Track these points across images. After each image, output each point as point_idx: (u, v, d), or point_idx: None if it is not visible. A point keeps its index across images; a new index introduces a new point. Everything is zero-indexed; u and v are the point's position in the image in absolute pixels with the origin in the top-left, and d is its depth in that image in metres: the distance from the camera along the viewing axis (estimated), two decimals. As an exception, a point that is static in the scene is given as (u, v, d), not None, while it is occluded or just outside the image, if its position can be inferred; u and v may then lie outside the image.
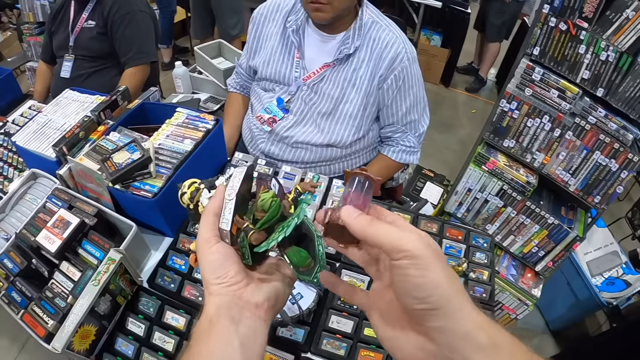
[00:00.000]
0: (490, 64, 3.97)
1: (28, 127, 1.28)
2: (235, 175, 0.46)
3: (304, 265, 0.43)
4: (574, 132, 1.39)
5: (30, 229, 1.00)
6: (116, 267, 0.86)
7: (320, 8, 1.16)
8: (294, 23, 1.29)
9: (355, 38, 1.24)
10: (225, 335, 0.39)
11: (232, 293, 0.41)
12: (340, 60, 1.26)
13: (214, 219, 0.44)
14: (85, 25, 1.86)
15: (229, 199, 0.44)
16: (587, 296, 2.05)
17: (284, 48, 1.32)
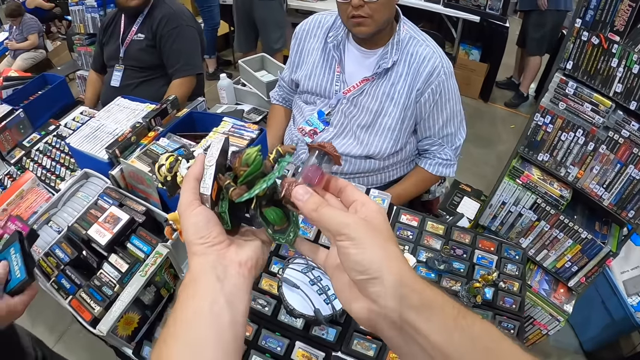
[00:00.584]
0: (531, 78, 3.89)
1: (81, 130, 1.39)
2: (213, 144, 0.48)
3: (279, 224, 0.46)
4: (607, 145, 1.38)
5: (82, 223, 1.09)
6: (162, 261, 0.92)
7: (362, 22, 1.20)
8: (334, 39, 1.34)
9: (394, 53, 1.28)
10: (211, 293, 0.41)
11: (216, 252, 0.43)
12: (379, 74, 1.31)
13: (195, 183, 0.46)
14: (135, 37, 2.00)
15: (209, 165, 0.46)
16: (622, 316, 1.98)
17: (325, 62, 1.38)
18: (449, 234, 1.19)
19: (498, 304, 1.04)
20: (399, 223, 1.22)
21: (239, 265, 0.44)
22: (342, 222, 0.39)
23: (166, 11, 1.97)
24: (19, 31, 4.43)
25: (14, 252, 0.83)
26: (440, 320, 0.36)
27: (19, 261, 0.82)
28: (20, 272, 0.81)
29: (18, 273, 0.81)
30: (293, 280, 0.96)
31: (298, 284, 0.95)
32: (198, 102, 1.48)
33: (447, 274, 1.10)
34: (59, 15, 5.42)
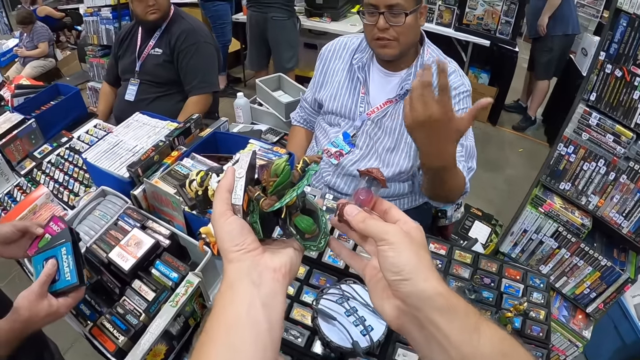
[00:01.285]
0: (539, 102, 3.91)
1: (98, 145, 1.36)
2: (242, 158, 0.50)
3: (309, 232, 0.49)
4: (628, 175, 1.40)
5: (101, 244, 1.05)
6: (194, 291, 0.90)
7: (387, 44, 1.21)
8: (360, 60, 1.36)
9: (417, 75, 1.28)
10: (248, 297, 0.42)
11: (251, 258, 0.45)
12: (402, 96, 1.30)
13: (226, 194, 0.47)
14: (152, 52, 1.99)
15: (239, 177, 0.48)
16: (634, 340, 1.95)
17: (350, 84, 1.38)
18: (477, 262, 1.19)
19: (526, 332, 1.04)
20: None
21: (274, 270, 0.45)
22: (383, 230, 0.45)
23: (185, 27, 1.97)
24: (29, 39, 4.45)
25: (66, 252, 0.80)
26: (462, 323, 0.40)
27: (70, 263, 0.79)
28: (71, 275, 0.79)
29: (68, 275, 0.79)
30: (329, 311, 0.93)
31: (334, 315, 0.92)
32: (221, 122, 1.45)
33: (478, 304, 1.09)
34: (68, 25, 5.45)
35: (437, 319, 0.40)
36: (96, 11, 2.59)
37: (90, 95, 2.87)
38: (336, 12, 3.70)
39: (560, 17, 3.39)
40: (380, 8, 1.17)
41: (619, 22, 1.27)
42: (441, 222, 1.69)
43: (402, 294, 0.42)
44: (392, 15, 1.17)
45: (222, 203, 0.47)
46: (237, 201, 0.47)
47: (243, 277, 0.44)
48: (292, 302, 1.02)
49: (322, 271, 1.10)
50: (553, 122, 3.97)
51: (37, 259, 0.84)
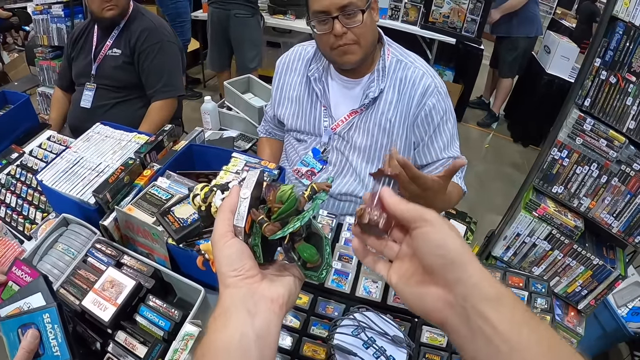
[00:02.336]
0: (503, 99, 4.04)
1: (55, 164, 1.18)
2: (249, 177, 0.49)
3: (312, 261, 0.48)
4: (619, 178, 1.43)
5: (71, 288, 0.90)
6: (194, 343, 0.77)
7: (347, 50, 1.10)
8: (315, 71, 1.25)
9: (380, 80, 1.18)
10: (241, 326, 0.41)
11: (248, 286, 0.44)
12: (367, 105, 1.21)
13: (229, 215, 0.46)
14: (110, 53, 1.78)
15: (243, 198, 0.46)
16: (614, 327, 2.05)
17: (309, 97, 1.28)
18: None
19: None
20: None
21: (271, 301, 0.44)
22: (423, 212, 0.42)
23: (146, 25, 1.78)
24: (-29, 41, 3.98)
25: (50, 320, 0.65)
26: (510, 313, 0.37)
27: (59, 334, 0.64)
28: (61, 350, 0.63)
29: (57, 350, 0.63)
30: (346, 346, 0.84)
31: (353, 350, 0.84)
32: (196, 132, 1.31)
33: None
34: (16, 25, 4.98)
35: (486, 309, 0.37)
36: (46, 9, 2.32)
37: (41, 102, 2.59)
38: (300, 9, 3.58)
39: (525, 19, 3.54)
40: (332, 12, 1.06)
41: (615, 30, 1.29)
42: None
43: (450, 280, 0.40)
44: (347, 17, 1.06)
45: (223, 224, 0.46)
46: (239, 223, 0.46)
47: (238, 304, 0.43)
48: (301, 337, 0.92)
49: (328, 298, 1.00)
50: (516, 118, 4.12)
51: (8, 325, 0.66)
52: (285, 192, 0.46)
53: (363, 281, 1.03)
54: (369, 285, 1.02)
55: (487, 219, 2.51)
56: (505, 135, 4.09)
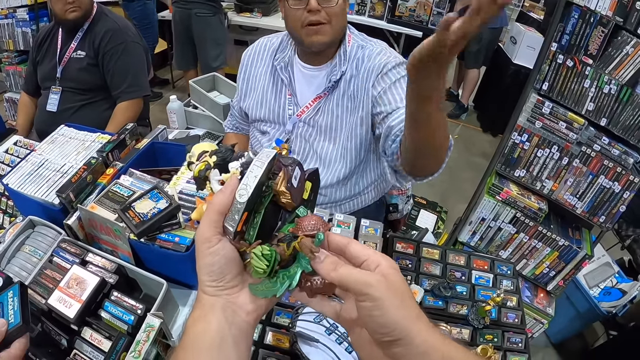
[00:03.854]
0: (470, 90, 4.09)
1: (21, 167, 1.16)
2: (252, 170, 0.43)
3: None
4: (580, 159, 1.47)
5: (37, 288, 0.90)
6: (156, 334, 0.78)
7: (319, 30, 1.11)
8: (281, 60, 1.26)
9: (342, 64, 1.21)
10: (221, 330, 0.42)
11: (226, 297, 0.44)
12: (330, 88, 1.23)
13: (218, 217, 0.43)
14: (74, 55, 1.77)
15: (240, 201, 0.41)
16: (587, 308, 2.13)
17: (274, 87, 1.30)
18: (445, 257, 1.20)
19: (502, 320, 1.07)
20: (396, 252, 1.19)
21: (247, 313, 0.44)
22: (364, 282, 0.39)
23: (110, 26, 1.77)
24: None
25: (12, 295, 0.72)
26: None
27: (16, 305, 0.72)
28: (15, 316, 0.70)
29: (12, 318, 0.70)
30: (308, 333, 0.86)
31: (315, 337, 0.86)
32: (158, 130, 1.30)
33: (453, 300, 1.10)
34: None
35: None
36: (11, 13, 2.28)
37: (8, 108, 2.54)
38: (267, 7, 3.61)
39: None
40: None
41: (571, 15, 1.32)
42: (392, 215, 1.69)
43: (395, 353, 0.39)
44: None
45: (209, 227, 0.43)
46: (230, 226, 0.42)
47: (217, 311, 0.43)
48: (265, 327, 0.93)
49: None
50: (484, 108, 4.19)
51: None
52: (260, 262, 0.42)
53: None
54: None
55: (457, 208, 2.56)
56: (475, 126, 4.17)
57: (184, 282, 1.02)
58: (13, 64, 2.43)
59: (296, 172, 0.46)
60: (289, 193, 0.44)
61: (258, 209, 0.44)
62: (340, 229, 1.18)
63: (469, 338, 1.04)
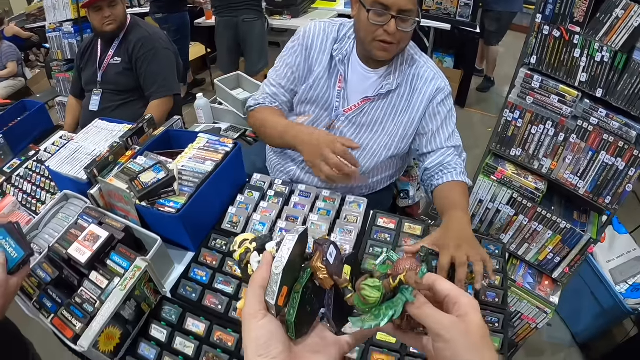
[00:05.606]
0: (493, 64, 4.35)
1: (60, 153, 1.40)
2: (285, 244, 0.46)
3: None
4: (577, 134, 1.41)
5: (63, 243, 1.08)
6: (141, 275, 0.93)
7: (387, 48, 1.17)
8: (339, 52, 1.29)
9: (397, 74, 1.27)
10: None
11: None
12: (381, 96, 1.29)
13: (260, 291, 0.44)
14: (112, 61, 2.02)
15: (276, 272, 0.44)
16: (611, 304, 2.01)
17: (329, 75, 1.32)
18: (427, 233, 1.19)
19: (480, 298, 1.04)
20: (376, 227, 1.22)
21: None
22: (439, 323, 0.41)
23: (141, 34, 2.01)
24: (-3, 59, 4.42)
25: (2, 237, 0.87)
26: None
27: (12, 242, 0.87)
28: (17, 251, 0.86)
29: (14, 253, 0.86)
30: None
31: None
32: (174, 120, 1.49)
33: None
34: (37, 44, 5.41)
35: None
36: (58, 26, 2.62)
37: (59, 110, 2.89)
38: (296, 9, 3.75)
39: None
40: (392, 10, 1.10)
41: None
42: (403, 202, 1.72)
43: None
44: (402, 21, 1.12)
45: (254, 301, 0.44)
46: (270, 299, 0.44)
47: None
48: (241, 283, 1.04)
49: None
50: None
51: None
52: (371, 296, 0.44)
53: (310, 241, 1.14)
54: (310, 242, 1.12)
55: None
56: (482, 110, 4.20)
57: (180, 243, 1.18)
58: (62, 71, 2.76)
59: (331, 249, 0.48)
60: (325, 268, 0.46)
61: (297, 288, 0.46)
62: (325, 204, 1.26)
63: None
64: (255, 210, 1.23)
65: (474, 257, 0.96)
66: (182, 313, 0.99)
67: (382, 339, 0.94)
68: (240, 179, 1.36)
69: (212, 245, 1.15)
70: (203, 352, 0.92)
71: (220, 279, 1.06)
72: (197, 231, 1.15)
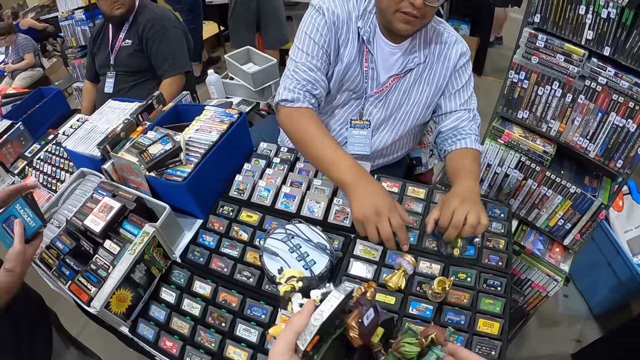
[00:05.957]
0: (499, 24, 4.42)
1: (76, 134, 1.46)
2: (329, 300, 0.49)
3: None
4: (585, 95, 1.36)
5: (80, 216, 1.16)
6: (150, 239, 0.98)
7: (411, 21, 1.09)
8: (365, 30, 1.21)
9: (423, 47, 1.25)
10: None
11: None
12: (408, 71, 1.27)
13: (293, 336, 0.48)
14: (123, 44, 2.08)
15: (314, 324, 0.48)
16: (629, 276, 1.98)
17: (358, 56, 1.24)
18: (431, 196, 1.20)
19: (483, 262, 1.03)
20: None
21: None
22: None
23: (150, 16, 2.05)
24: (14, 52, 4.55)
25: (21, 207, 0.92)
26: None
27: (30, 212, 0.92)
28: (34, 221, 0.92)
29: (32, 222, 0.92)
30: (273, 249, 0.99)
31: (278, 252, 0.98)
32: (182, 95, 1.54)
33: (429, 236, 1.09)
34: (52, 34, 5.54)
35: None
36: (70, 15, 2.69)
37: (77, 96, 2.99)
38: (305, -17, 3.68)
39: None
40: None
41: None
42: (417, 169, 1.73)
43: None
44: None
45: (284, 342, 0.48)
46: (301, 344, 0.48)
47: None
48: (246, 247, 1.08)
49: (275, 216, 1.16)
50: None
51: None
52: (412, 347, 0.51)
53: (307, 202, 1.17)
54: (313, 206, 1.17)
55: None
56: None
57: (189, 211, 1.23)
58: (77, 57, 2.84)
59: (370, 312, 0.51)
60: (358, 328, 0.49)
61: (327, 338, 0.50)
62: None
63: (439, 274, 1.00)
64: (261, 177, 1.27)
65: (472, 219, 0.98)
66: (190, 276, 1.04)
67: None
68: (247, 147, 1.40)
69: (219, 212, 1.20)
70: (209, 312, 0.97)
71: (227, 243, 1.10)
72: (204, 199, 1.20)
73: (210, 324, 0.96)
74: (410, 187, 1.23)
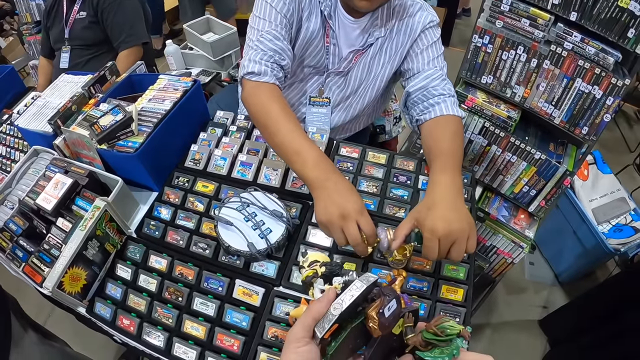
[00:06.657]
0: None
1: (29, 111, 1.39)
2: (351, 289, 0.49)
3: None
4: (551, 60, 1.35)
5: (32, 195, 1.10)
6: (101, 214, 0.95)
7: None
8: (326, 6, 1.17)
9: (385, 20, 1.20)
10: None
11: None
12: (369, 46, 1.23)
13: (311, 322, 0.48)
14: (78, 16, 1.98)
15: (333, 313, 0.47)
16: (593, 244, 2.04)
17: (320, 32, 1.21)
18: (392, 162, 1.18)
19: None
20: (338, 156, 1.20)
21: None
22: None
23: (106, -14, 1.94)
24: (-34, 32, 4.29)
25: None
26: None
27: None
28: None
29: None
30: (228, 218, 0.97)
31: (232, 222, 0.96)
32: (137, 65, 1.47)
33: (390, 201, 1.08)
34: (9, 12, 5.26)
35: None
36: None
37: (34, 74, 2.86)
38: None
39: None
40: None
41: None
42: (380, 137, 1.71)
43: None
44: None
45: (301, 328, 0.48)
46: (318, 332, 0.47)
47: None
48: (201, 218, 1.06)
49: (231, 185, 1.14)
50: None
51: None
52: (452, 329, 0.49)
53: (264, 170, 1.15)
54: (270, 173, 1.14)
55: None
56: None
57: (146, 184, 1.19)
58: (32, 34, 2.70)
59: (392, 303, 0.49)
60: (377, 320, 0.48)
61: (346, 326, 0.49)
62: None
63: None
64: (217, 146, 1.24)
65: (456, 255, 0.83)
66: (145, 251, 1.02)
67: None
68: (203, 116, 1.35)
69: (175, 183, 1.17)
70: (165, 287, 0.95)
71: (182, 215, 1.08)
72: (159, 170, 1.16)
73: (166, 299, 0.94)
74: (371, 152, 1.21)
